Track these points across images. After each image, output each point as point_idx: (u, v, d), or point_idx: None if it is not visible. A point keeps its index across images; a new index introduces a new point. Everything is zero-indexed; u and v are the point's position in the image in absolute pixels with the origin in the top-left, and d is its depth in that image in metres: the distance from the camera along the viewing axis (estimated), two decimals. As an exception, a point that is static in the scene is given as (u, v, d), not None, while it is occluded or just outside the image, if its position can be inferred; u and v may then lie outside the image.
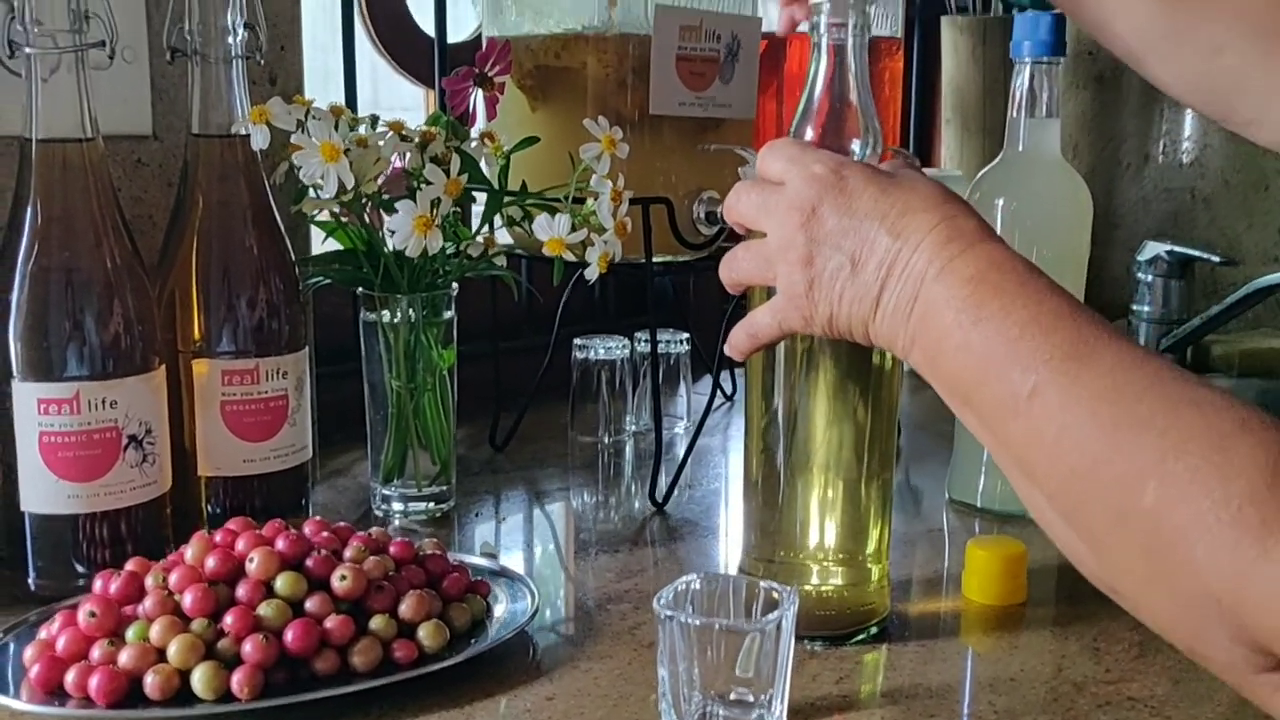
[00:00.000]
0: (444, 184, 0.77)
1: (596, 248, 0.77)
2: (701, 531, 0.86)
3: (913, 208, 0.53)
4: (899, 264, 0.52)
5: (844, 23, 0.64)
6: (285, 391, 0.78)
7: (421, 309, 0.84)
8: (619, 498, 0.93)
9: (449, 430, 0.88)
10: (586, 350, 1.07)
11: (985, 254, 0.51)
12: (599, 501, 0.93)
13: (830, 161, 0.55)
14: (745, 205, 0.58)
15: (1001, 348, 0.48)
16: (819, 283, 0.55)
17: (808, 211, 0.54)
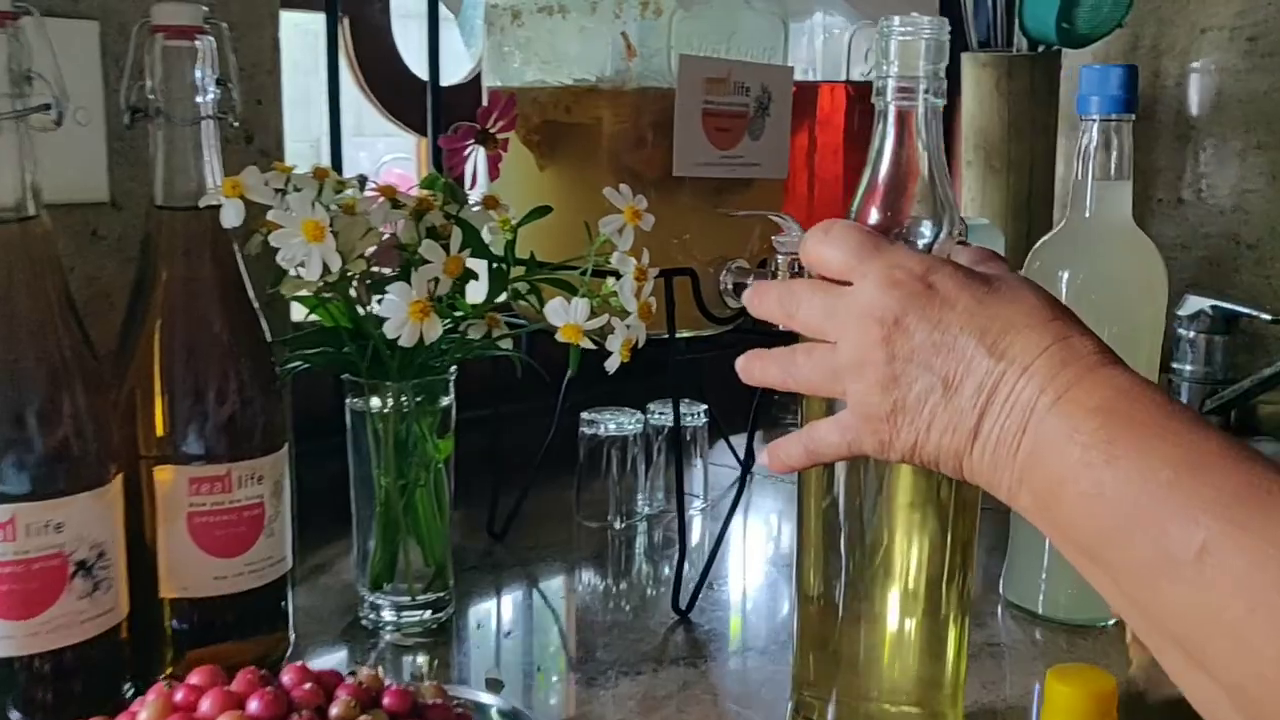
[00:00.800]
0: (443, 262, 0.67)
1: (618, 334, 0.68)
2: (735, 647, 0.76)
3: (1017, 323, 0.45)
4: (1002, 389, 0.44)
5: (914, 86, 0.55)
6: (261, 498, 0.68)
7: (415, 396, 0.75)
8: (636, 602, 0.84)
9: (446, 529, 0.78)
10: (595, 425, 0.97)
11: (1109, 380, 0.42)
12: (614, 606, 0.83)
13: (913, 262, 0.47)
14: (807, 310, 0.49)
15: (1148, 494, 0.39)
16: (903, 407, 0.46)
17: (889, 323, 0.46)
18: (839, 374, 0.48)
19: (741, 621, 0.81)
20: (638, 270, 0.68)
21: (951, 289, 0.46)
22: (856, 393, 0.47)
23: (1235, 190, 1.38)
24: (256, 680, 0.55)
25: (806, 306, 0.49)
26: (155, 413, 0.67)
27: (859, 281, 0.47)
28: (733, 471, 1.13)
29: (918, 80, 0.55)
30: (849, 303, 0.47)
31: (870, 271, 0.47)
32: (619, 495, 0.98)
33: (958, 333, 0.45)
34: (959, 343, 0.45)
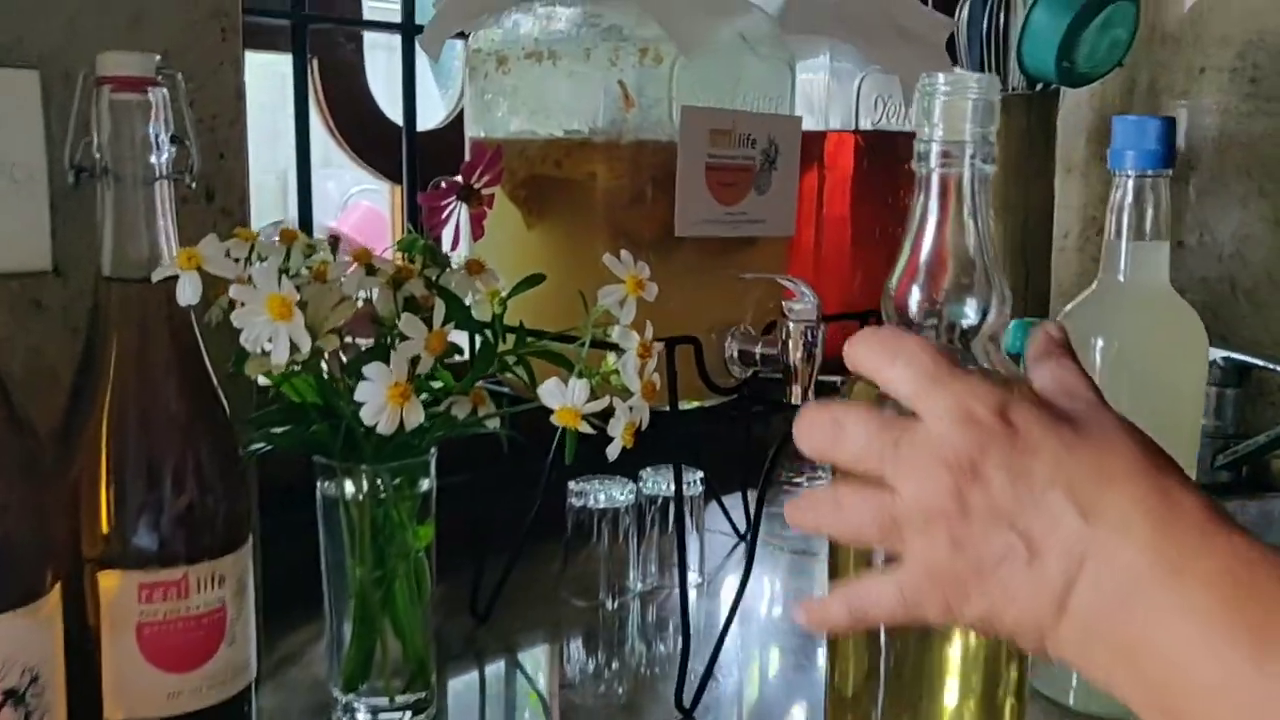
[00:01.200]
0: (424, 338, 0.60)
1: (620, 417, 0.61)
2: (744, 753, 0.69)
3: (1112, 475, 0.38)
4: (1097, 555, 0.38)
5: (959, 151, 0.49)
6: (222, 602, 0.61)
7: (392, 480, 0.68)
8: (635, 695, 0.77)
9: (426, 622, 0.71)
10: (585, 497, 0.91)
11: (1226, 547, 0.37)
12: (610, 701, 0.76)
13: (991, 395, 0.40)
14: (861, 444, 0.42)
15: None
16: (976, 571, 0.39)
17: (965, 470, 0.39)
18: (899, 525, 0.41)
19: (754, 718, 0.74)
20: (641, 346, 0.61)
21: (1035, 431, 0.39)
22: (920, 550, 0.41)
23: (1235, 235, 1.34)
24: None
25: (860, 438, 0.42)
26: (101, 505, 0.60)
27: (927, 413, 0.40)
28: (727, 539, 1.07)
29: (964, 145, 0.49)
30: (915, 439, 0.40)
31: (941, 403, 0.40)
32: (610, 570, 0.91)
33: (1044, 485, 0.38)
34: (1045, 498, 0.38)
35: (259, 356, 0.61)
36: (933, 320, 0.49)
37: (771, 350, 0.72)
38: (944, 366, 0.41)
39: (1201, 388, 0.71)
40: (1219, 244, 1.35)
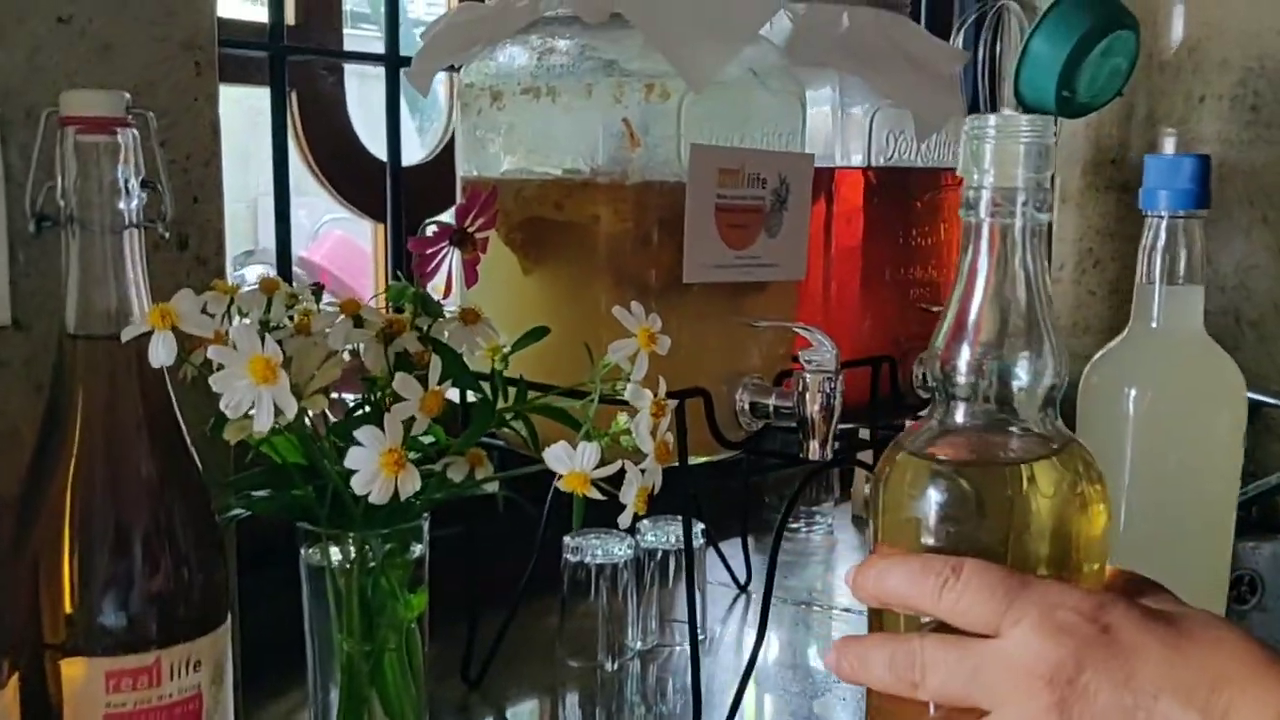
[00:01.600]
0: (420, 399, 0.56)
1: (632, 481, 0.56)
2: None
3: (1230, 676, 0.35)
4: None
5: (1012, 199, 0.45)
6: (198, 689, 0.56)
7: (383, 546, 0.63)
8: (640, 771, 0.72)
9: (419, 698, 0.66)
10: (581, 553, 0.86)
11: None
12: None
13: (1079, 600, 0.37)
14: (942, 675, 0.38)
15: None
16: None
17: (1062, 683, 0.36)
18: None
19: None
20: (655, 405, 0.57)
21: (1134, 633, 0.36)
22: None
23: (1240, 266, 1.31)
24: None
25: (940, 669, 0.38)
26: (63, 582, 0.55)
27: (1010, 630, 0.37)
28: (727, 590, 1.02)
29: (1016, 192, 0.44)
30: (1000, 658, 0.37)
31: (1025, 616, 0.37)
32: (608, 629, 0.86)
33: (1155, 692, 0.35)
34: (1159, 706, 0.35)
35: (239, 420, 0.56)
36: (982, 383, 0.45)
37: (786, 402, 0.68)
38: (1014, 579, 0.38)
39: (1240, 436, 0.68)
40: (1222, 276, 1.32)
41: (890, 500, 0.47)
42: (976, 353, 0.45)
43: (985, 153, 0.45)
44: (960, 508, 0.45)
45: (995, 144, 0.44)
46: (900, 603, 0.41)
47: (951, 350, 0.45)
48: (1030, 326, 0.45)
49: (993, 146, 0.44)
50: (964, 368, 0.45)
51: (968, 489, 0.45)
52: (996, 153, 0.44)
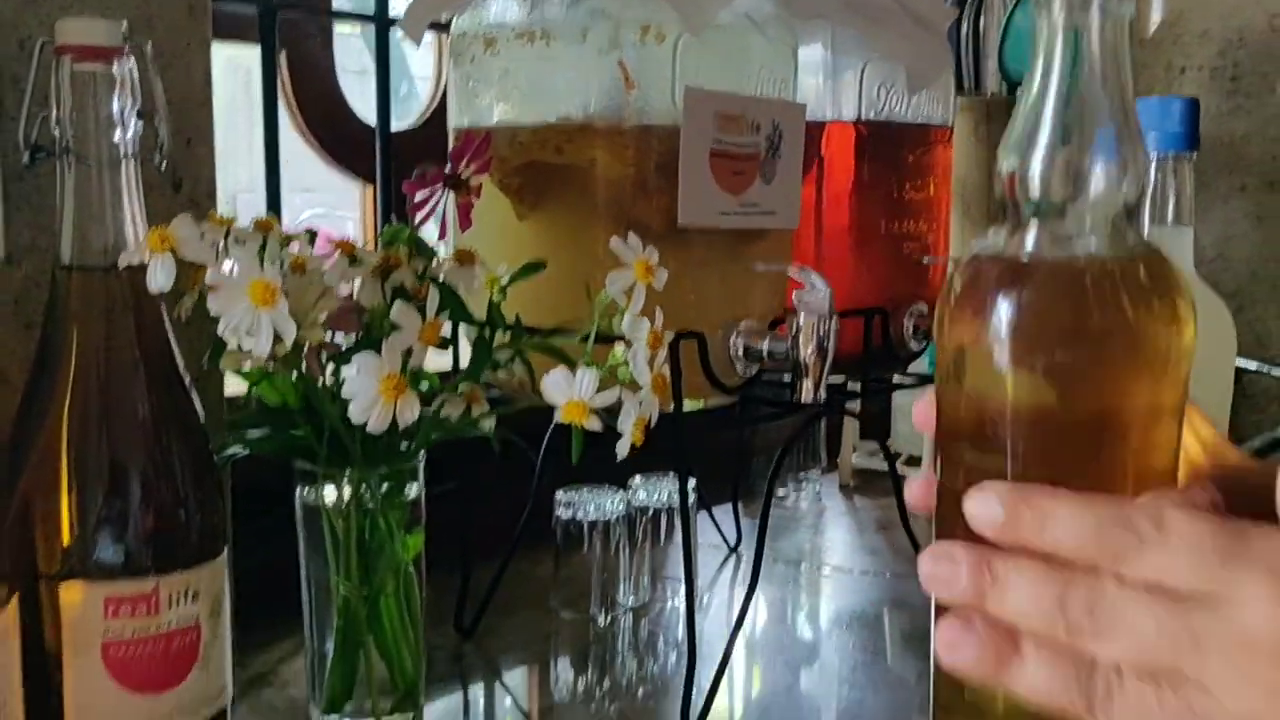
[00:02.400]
0: (418, 329, 0.56)
1: (629, 410, 0.57)
2: (758, 775, 0.65)
3: None
4: None
5: None
6: (196, 620, 0.56)
7: (380, 486, 0.63)
8: (630, 717, 0.72)
9: (417, 642, 0.66)
10: (574, 508, 0.86)
11: None
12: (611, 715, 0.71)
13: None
14: (1139, 631, 0.32)
15: None
16: None
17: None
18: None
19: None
20: (652, 335, 0.57)
21: None
22: None
23: (1220, 237, 1.32)
24: None
25: (1141, 629, 0.32)
26: (61, 515, 0.54)
27: (1233, 594, 0.31)
28: (717, 550, 1.02)
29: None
30: (1230, 630, 0.31)
31: (1250, 580, 0.31)
32: (601, 584, 0.86)
33: None
34: None
35: (235, 351, 0.56)
36: (1063, 195, 0.39)
37: (780, 345, 0.68)
38: (1234, 533, 0.32)
39: (1230, 377, 0.68)
40: (1201, 248, 1.32)
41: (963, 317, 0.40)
42: (1059, 160, 0.40)
43: None
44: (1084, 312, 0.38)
45: None
46: (1074, 554, 0.33)
47: (1029, 160, 0.40)
48: (1118, 127, 0.39)
49: None
50: (1040, 178, 0.39)
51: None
52: None
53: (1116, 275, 0.39)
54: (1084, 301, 0.39)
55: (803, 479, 1.18)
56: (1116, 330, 0.39)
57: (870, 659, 0.81)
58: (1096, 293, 0.39)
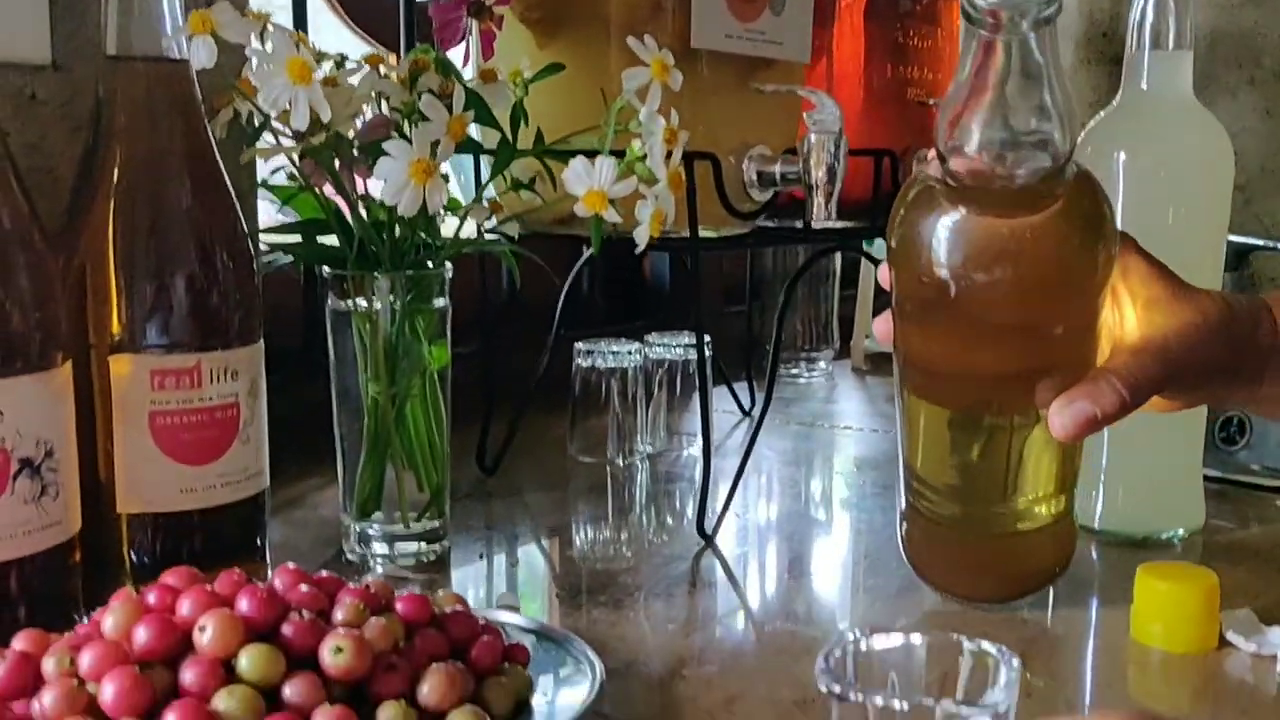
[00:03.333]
0: (445, 122, 0.58)
1: (647, 204, 0.59)
2: (776, 573, 0.68)
3: None
4: None
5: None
6: (236, 397, 0.59)
7: (407, 292, 0.66)
8: (655, 531, 0.75)
9: (443, 448, 0.69)
10: (592, 357, 0.89)
11: None
12: (630, 535, 0.74)
13: None
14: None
15: None
16: None
17: None
18: None
19: (779, 548, 0.72)
20: (668, 131, 0.59)
21: None
22: None
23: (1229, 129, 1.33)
24: (243, 581, 0.46)
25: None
26: (110, 292, 0.57)
27: None
28: (731, 417, 1.05)
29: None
30: None
31: None
32: (619, 431, 0.89)
33: None
34: None
35: (267, 145, 0.59)
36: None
37: (792, 168, 0.71)
38: None
39: (1229, 196, 0.71)
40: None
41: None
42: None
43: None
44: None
45: None
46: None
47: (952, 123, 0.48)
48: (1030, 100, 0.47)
49: None
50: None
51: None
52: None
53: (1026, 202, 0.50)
54: (995, 226, 0.50)
55: (815, 359, 1.21)
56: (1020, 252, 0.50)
57: (881, 492, 0.84)
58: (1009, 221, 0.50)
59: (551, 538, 0.74)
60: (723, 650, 0.56)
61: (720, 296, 1.23)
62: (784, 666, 0.54)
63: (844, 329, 1.27)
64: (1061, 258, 0.50)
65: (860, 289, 1.26)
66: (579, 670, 0.50)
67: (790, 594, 0.64)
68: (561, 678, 0.50)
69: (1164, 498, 0.72)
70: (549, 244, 0.80)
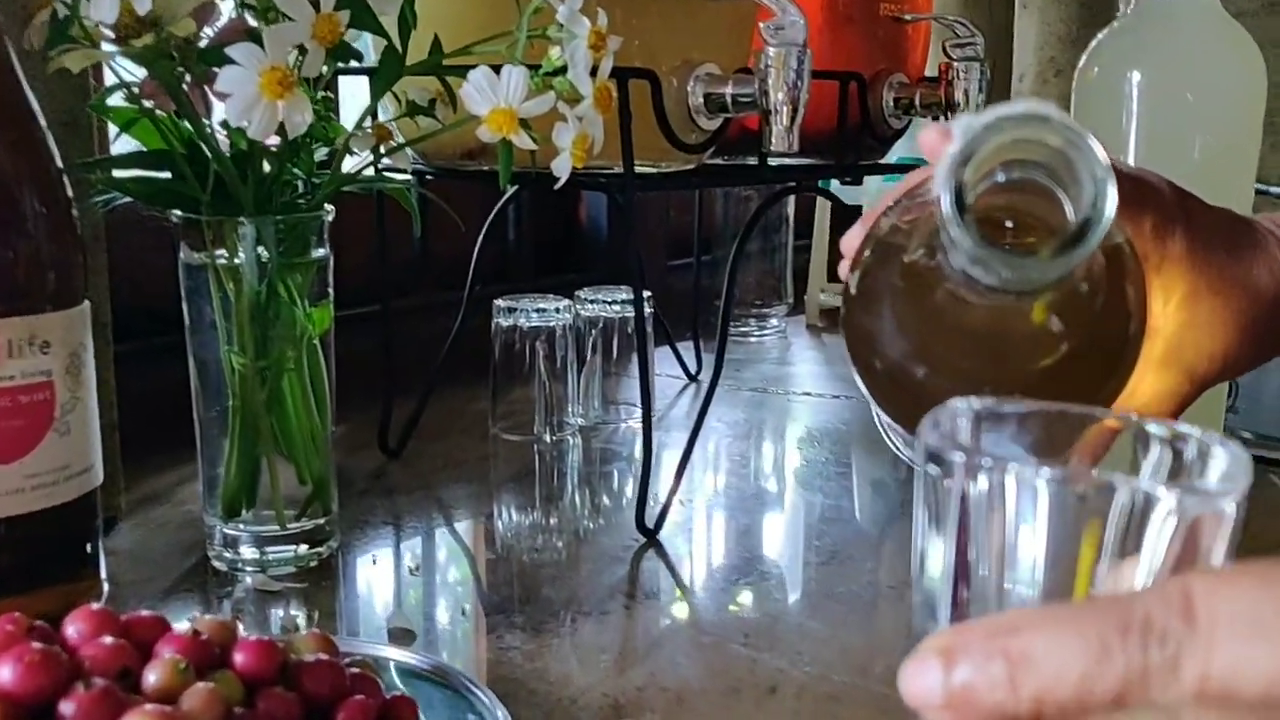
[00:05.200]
0: (311, 21, 0.46)
1: (569, 127, 0.47)
2: (729, 576, 0.57)
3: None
4: None
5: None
6: (49, 376, 0.46)
7: (277, 241, 0.53)
8: (587, 527, 0.64)
9: (325, 430, 0.57)
10: (514, 316, 0.77)
11: None
12: (558, 532, 0.63)
13: None
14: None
15: None
16: None
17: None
18: None
19: (730, 545, 0.61)
20: (594, 35, 0.47)
21: None
22: None
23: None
24: (20, 632, 0.34)
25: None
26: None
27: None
28: (677, 382, 0.94)
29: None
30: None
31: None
32: (548, 403, 0.78)
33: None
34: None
35: (85, 49, 0.46)
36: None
37: (746, 90, 0.59)
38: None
39: (1259, 125, 0.60)
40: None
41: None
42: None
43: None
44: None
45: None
46: (1078, 702, 0.20)
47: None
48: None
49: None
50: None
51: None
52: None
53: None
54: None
55: (767, 315, 1.10)
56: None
57: (845, 472, 0.73)
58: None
59: (463, 537, 0.62)
60: (666, 691, 0.44)
61: (664, 248, 1.11)
62: (745, 714, 0.42)
63: (798, 282, 1.16)
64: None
65: (815, 237, 1.15)
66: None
67: (749, 607, 0.53)
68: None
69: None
70: (463, 185, 0.67)
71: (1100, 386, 0.31)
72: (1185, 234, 0.35)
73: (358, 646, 0.43)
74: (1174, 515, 0.21)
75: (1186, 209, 0.36)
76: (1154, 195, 0.35)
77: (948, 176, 0.26)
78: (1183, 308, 0.36)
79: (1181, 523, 0.21)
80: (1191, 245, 0.35)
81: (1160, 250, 0.35)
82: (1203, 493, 0.21)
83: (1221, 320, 0.36)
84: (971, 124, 0.26)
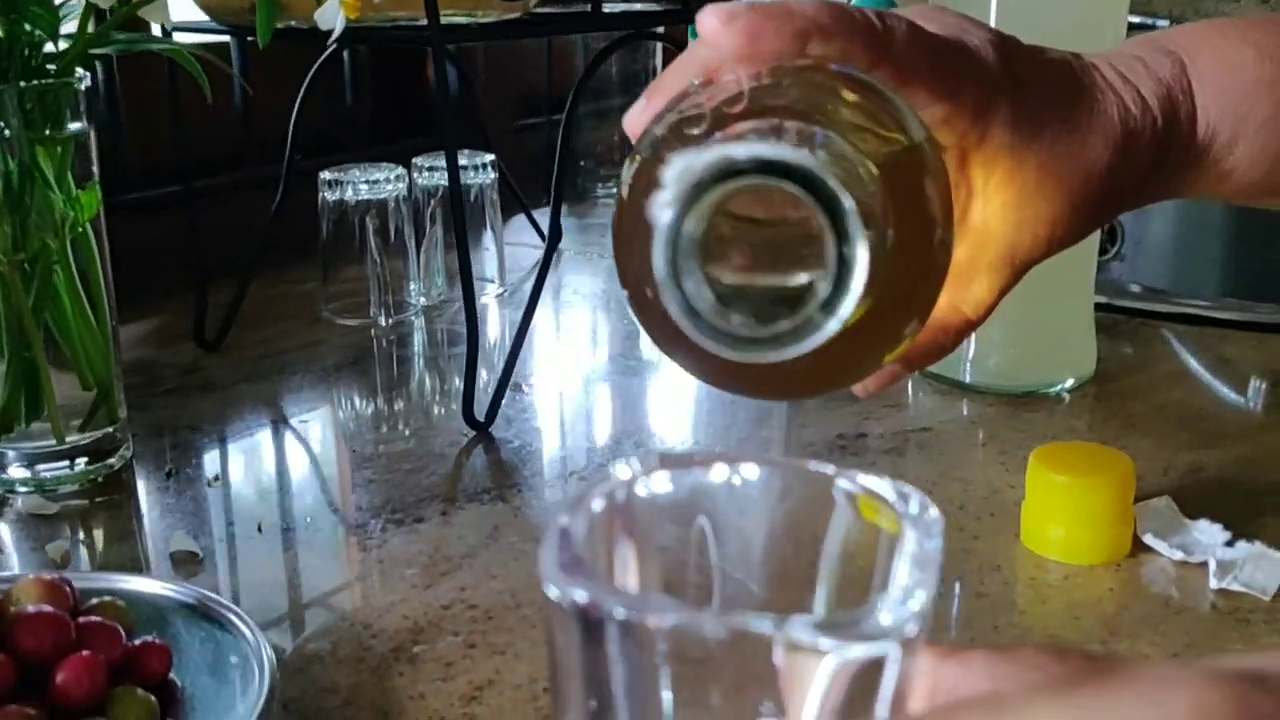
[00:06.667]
0: None
1: (336, -31, 0.40)
2: (560, 469, 0.52)
3: None
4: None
5: None
6: None
7: (23, 113, 0.46)
8: (416, 421, 0.58)
9: (105, 330, 0.51)
10: (341, 188, 0.70)
11: None
12: (383, 428, 0.58)
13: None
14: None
15: None
16: None
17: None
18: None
19: (569, 437, 0.57)
20: None
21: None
22: None
23: None
24: None
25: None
26: None
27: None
28: (534, 251, 0.88)
29: None
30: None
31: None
32: (383, 283, 0.71)
33: None
34: None
35: None
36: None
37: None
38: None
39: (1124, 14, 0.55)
40: None
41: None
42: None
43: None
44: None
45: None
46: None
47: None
48: None
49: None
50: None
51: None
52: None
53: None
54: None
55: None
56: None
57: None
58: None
59: (277, 438, 0.57)
60: (474, 609, 0.40)
61: (515, 106, 1.04)
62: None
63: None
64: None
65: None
66: (245, 671, 0.34)
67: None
68: (216, 693, 0.34)
69: (1048, 341, 0.59)
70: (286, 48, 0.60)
71: (904, 321, 0.26)
72: (1010, 107, 0.30)
73: (111, 582, 0.37)
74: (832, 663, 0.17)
75: (1014, 75, 0.30)
76: (975, 64, 0.30)
77: (664, 249, 0.21)
78: (1004, 188, 0.31)
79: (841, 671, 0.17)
80: (1017, 120, 0.30)
81: (981, 128, 0.30)
82: (862, 638, 0.17)
83: (1049, 200, 0.31)
84: (691, 167, 0.21)
